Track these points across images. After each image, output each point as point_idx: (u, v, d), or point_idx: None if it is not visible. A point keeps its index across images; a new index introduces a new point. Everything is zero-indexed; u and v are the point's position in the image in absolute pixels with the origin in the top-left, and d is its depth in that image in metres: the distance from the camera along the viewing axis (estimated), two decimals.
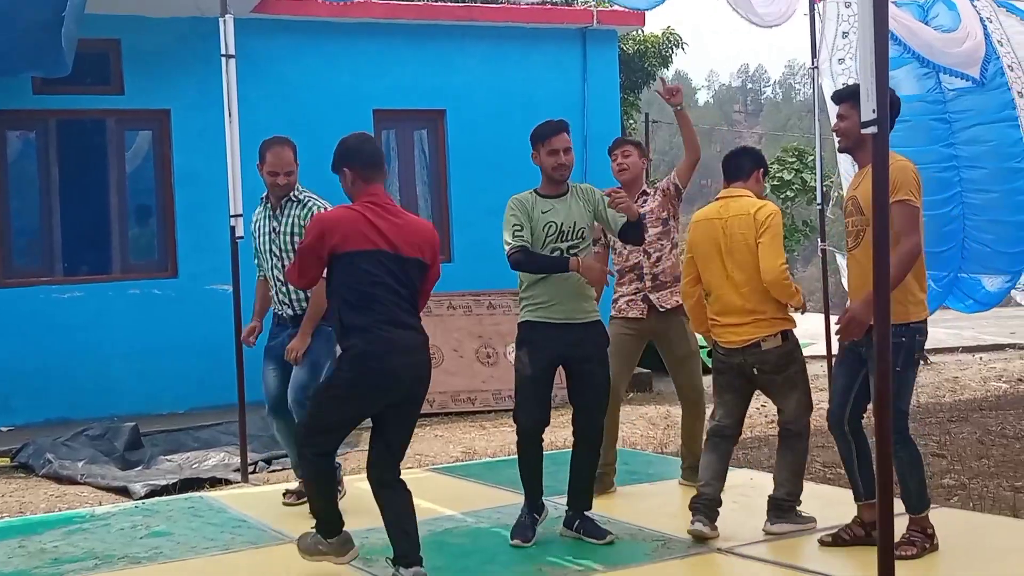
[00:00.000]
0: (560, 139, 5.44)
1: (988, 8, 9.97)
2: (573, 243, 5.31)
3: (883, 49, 3.86)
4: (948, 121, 10.07)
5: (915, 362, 4.72)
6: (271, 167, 5.98)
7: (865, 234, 4.65)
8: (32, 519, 6.51)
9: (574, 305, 5.28)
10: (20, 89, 9.97)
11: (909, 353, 4.65)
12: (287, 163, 6.01)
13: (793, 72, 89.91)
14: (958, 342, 15.00)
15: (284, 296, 5.99)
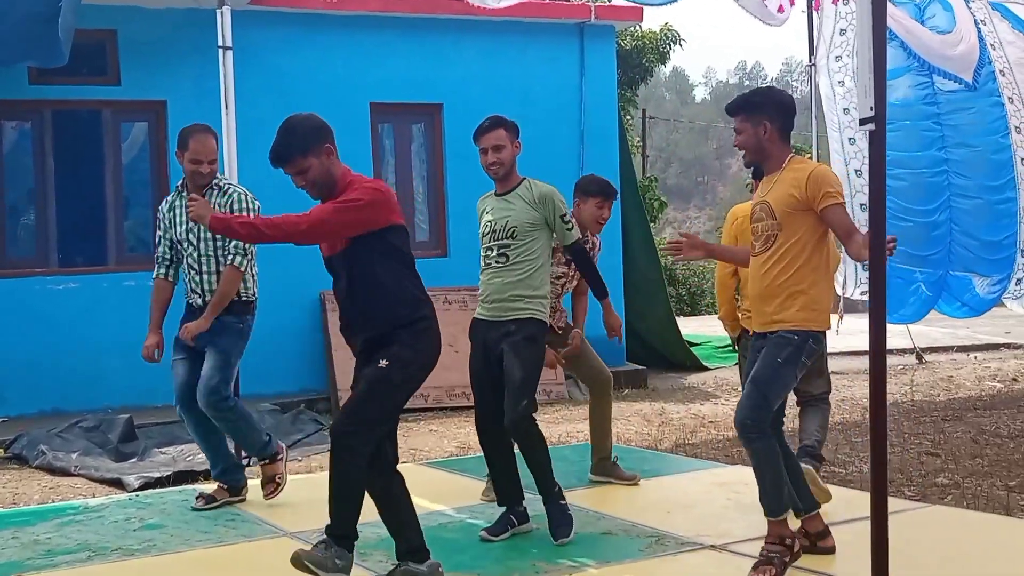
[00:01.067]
0: (487, 138, 5.44)
1: (983, 11, 9.96)
2: (503, 243, 5.34)
3: (881, 47, 3.86)
4: (940, 125, 10.09)
5: (800, 366, 4.57)
6: (194, 155, 5.86)
7: (776, 239, 4.59)
8: (25, 510, 6.50)
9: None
10: (16, 79, 9.95)
11: (796, 353, 4.54)
12: (211, 151, 5.92)
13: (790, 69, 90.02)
14: (953, 341, 15.03)
15: (197, 285, 5.93)
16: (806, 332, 4.57)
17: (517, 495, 5.47)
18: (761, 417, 4.54)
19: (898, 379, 11.37)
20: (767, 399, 4.54)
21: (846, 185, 10.13)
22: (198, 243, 5.90)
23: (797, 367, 4.58)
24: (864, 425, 8.30)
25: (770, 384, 4.56)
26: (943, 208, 10.14)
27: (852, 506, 5.54)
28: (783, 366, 4.55)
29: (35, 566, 5.08)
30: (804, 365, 4.62)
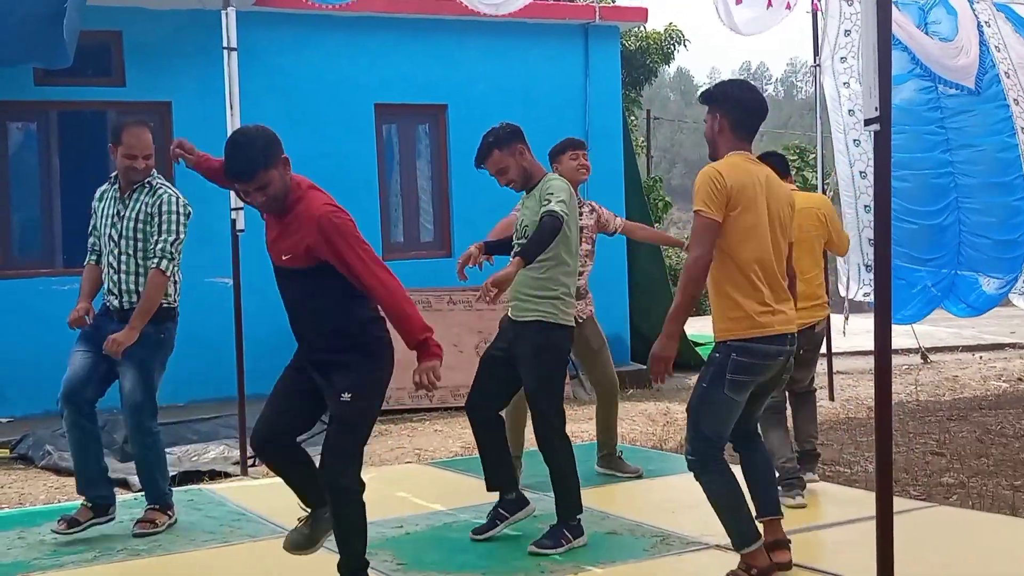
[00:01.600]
0: (487, 166, 5.44)
1: (987, 12, 9.95)
2: (520, 241, 5.34)
3: (886, 47, 3.86)
4: (944, 128, 10.09)
5: (727, 384, 4.29)
6: (128, 149, 5.52)
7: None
8: (31, 510, 6.52)
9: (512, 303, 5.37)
10: (21, 80, 9.96)
11: (720, 371, 4.30)
12: (146, 146, 5.59)
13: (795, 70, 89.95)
14: (958, 341, 15.01)
15: (115, 285, 5.59)
16: (722, 343, 4.34)
17: (508, 482, 5.39)
18: (696, 450, 4.37)
19: (903, 379, 11.36)
20: (704, 436, 4.35)
21: (850, 187, 10.13)
22: (119, 240, 5.57)
23: (721, 389, 4.30)
24: (869, 424, 8.29)
25: (699, 415, 4.38)
26: (950, 209, 10.13)
27: (857, 506, 5.54)
28: (706, 389, 4.35)
29: (41, 566, 5.09)
30: (738, 383, 4.31)
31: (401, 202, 11.80)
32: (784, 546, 4.59)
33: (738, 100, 4.51)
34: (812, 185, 21.98)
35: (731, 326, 4.34)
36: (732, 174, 4.33)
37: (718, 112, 4.50)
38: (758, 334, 4.30)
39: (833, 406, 9.85)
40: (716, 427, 4.35)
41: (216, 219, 8.60)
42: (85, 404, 5.49)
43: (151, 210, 5.55)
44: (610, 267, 11.22)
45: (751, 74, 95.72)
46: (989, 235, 10.10)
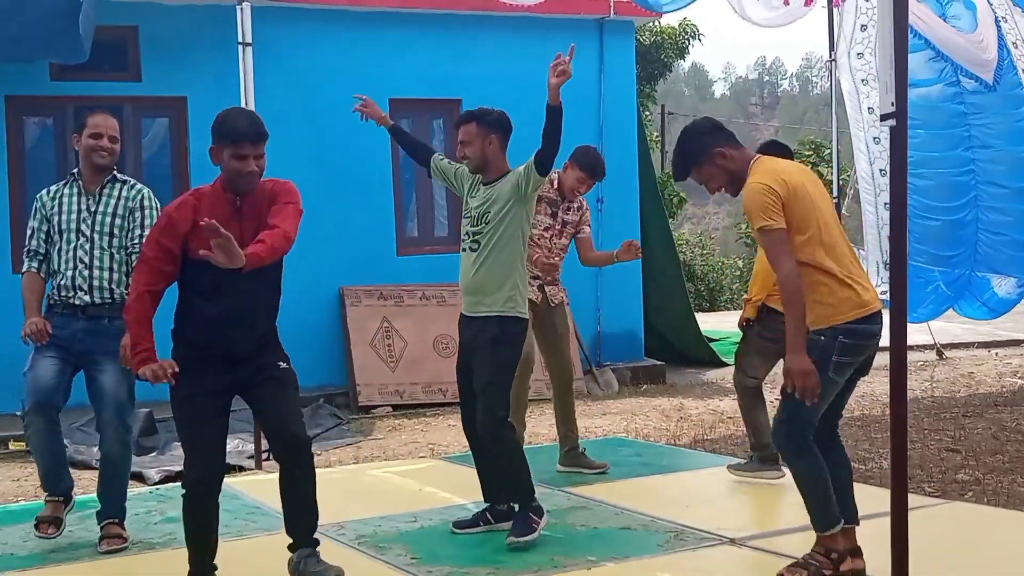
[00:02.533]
0: (459, 132, 5.48)
1: (1004, 7, 9.89)
2: (478, 228, 5.32)
3: (903, 41, 3.85)
4: (969, 124, 10.04)
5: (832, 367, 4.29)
6: (94, 128, 5.30)
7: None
8: None
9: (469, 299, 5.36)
10: (37, 75, 10.00)
11: (826, 354, 4.28)
12: (112, 127, 5.37)
13: (810, 65, 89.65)
14: (974, 337, 14.94)
15: (86, 281, 5.33)
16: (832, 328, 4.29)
17: (499, 494, 5.41)
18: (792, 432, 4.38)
19: (918, 375, 11.32)
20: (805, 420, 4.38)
21: (871, 184, 10.11)
22: (91, 234, 5.35)
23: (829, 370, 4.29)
24: (884, 421, 8.27)
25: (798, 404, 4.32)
26: (970, 206, 10.10)
27: (872, 502, 5.50)
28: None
29: (57, 559, 5.12)
30: (843, 365, 4.32)
31: (415, 197, 11.81)
32: (859, 554, 4.54)
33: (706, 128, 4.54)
34: (827, 181, 21.93)
35: (831, 312, 4.28)
36: (775, 179, 4.30)
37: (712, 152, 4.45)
38: (861, 314, 4.28)
39: (848, 402, 9.81)
40: (815, 410, 4.35)
41: None
42: (55, 411, 5.33)
43: (132, 204, 5.39)
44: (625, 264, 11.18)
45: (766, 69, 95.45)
46: (1006, 233, 10.07)
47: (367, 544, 5.20)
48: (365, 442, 8.57)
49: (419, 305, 10.72)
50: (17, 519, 5.93)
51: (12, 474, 7.69)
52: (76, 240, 5.36)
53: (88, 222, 5.36)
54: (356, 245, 10.91)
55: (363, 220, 11.02)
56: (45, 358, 5.30)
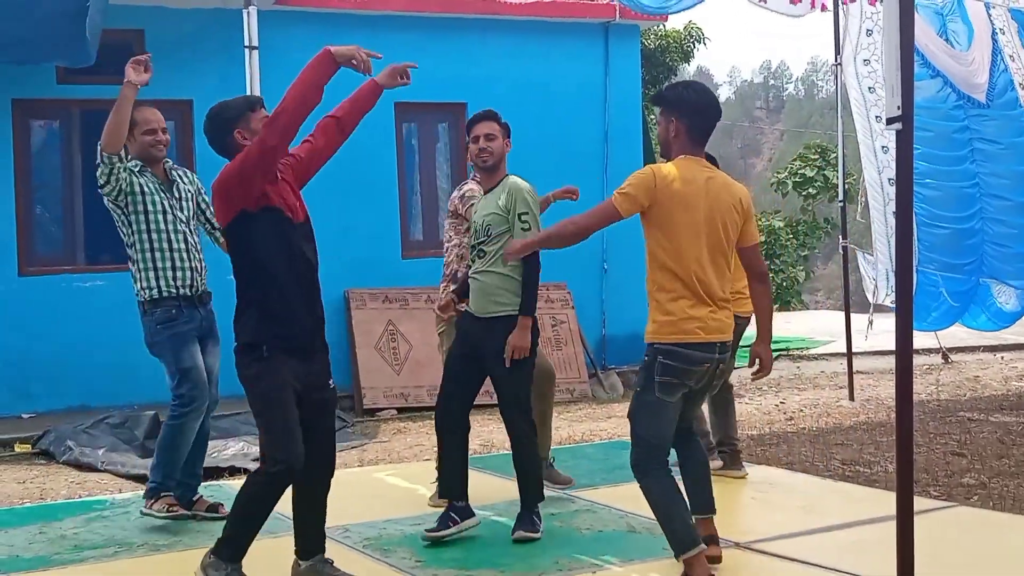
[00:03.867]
0: (480, 127, 5.50)
1: (1002, 19, 9.87)
2: (481, 240, 5.37)
3: (908, 45, 3.84)
4: (969, 128, 10.04)
5: (656, 387, 4.34)
6: (147, 124, 5.51)
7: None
8: (53, 505, 6.56)
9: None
10: (44, 78, 10.02)
11: (648, 374, 4.36)
12: (161, 119, 5.65)
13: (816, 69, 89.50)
14: (979, 341, 14.91)
15: (197, 270, 5.58)
16: (653, 347, 4.35)
17: (464, 489, 5.41)
18: (637, 453, 4.43)
19: (924, 379, 11.31)
20: (639, 436, 4.44)
21: (880, 194, 10.09)
22: (189, 222, 5.63)
23: (654, 390, 4.33)
24: (889, 425, 8.27)
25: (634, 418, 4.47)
26: (976, 217, 10.10)
27: (878, 505, 5.52)
28: (640, 393, 4.44)
29: (62, 560, 5.13)
30: (667, 385, 4.33)
31: (421, 200, 11.82)
32: (715, 541, 4.67)
33: (694, 106, 4.50)
34: (833, 184, 21.90)
35: (658, 329, 4.37)
36: (669, 175, 4.36)
37: (673, 117, 4.50)
38: (682, 340, 4.31)
39: (853, 406, 9.81)
40: (653, 429, 4.39)
41: None
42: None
43: (194, 188, 5.70)
44: (629, 267, 11.19)
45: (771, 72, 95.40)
46: (1010, 245, 10.08)
47: (372, 547, 5.21)
48: (370, 445, 8.57)
49: (424, 308, 10.72)
50: (23, 521, 5.94)
51: (17, 476, 7.70)
52: (176, 227, 5.50)
53: (178, 208, 5.53)
54: (361, 248, 10.92)
55: (368, 223, 11.03)
56: (196, 352, 5.50)
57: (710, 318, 4.35)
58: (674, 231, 4.33)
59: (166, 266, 5.47)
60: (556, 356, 10.95)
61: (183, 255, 5.51)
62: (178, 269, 5.49)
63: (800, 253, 24.05)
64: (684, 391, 4.39)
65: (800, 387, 11.46)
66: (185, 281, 5.51)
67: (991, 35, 9.79)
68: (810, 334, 15.60)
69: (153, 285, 5.46)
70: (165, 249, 5.48)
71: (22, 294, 10.06)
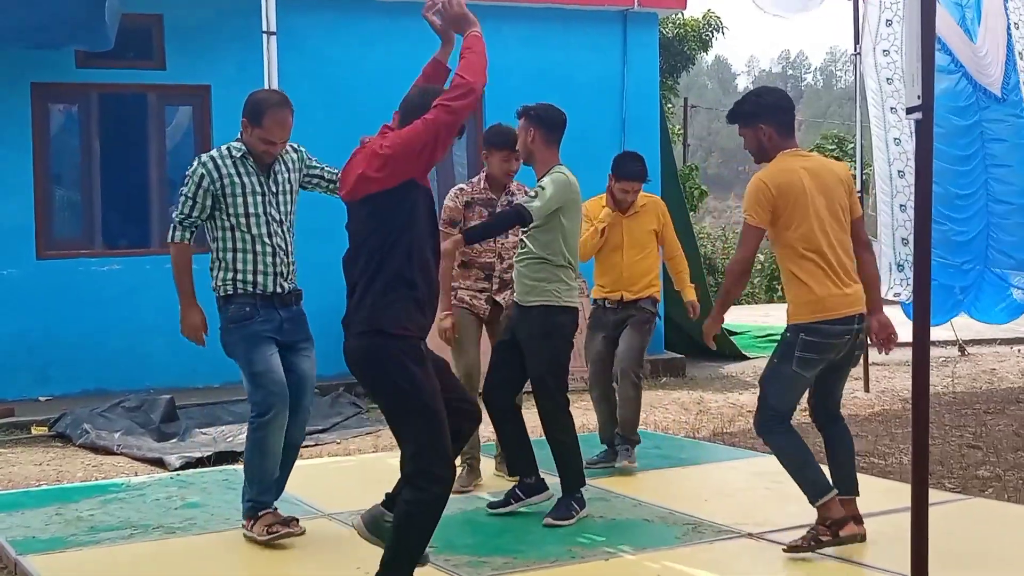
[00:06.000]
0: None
1: (1018, 12, 9.79)
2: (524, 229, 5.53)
3: (930, 34, 3.81)
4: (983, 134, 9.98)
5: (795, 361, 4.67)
6: (269, 134, 4.98)
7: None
8: (69, 487, 6.60)
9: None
10: (63, 63, 10.05)
11: (788, 350, 4.69)
12: (288, 131, 5.09)
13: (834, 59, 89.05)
14: (996, 333, 14.84)
15: (286, 268, 5.09)
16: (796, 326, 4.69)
17: (528, 467, 5.53)
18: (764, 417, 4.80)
19: (940, 371, 11.27)
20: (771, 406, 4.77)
21: (887, 185, 10.04)
22: (282, 217, 5.12)
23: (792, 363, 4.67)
24: (904, 416, 8.24)
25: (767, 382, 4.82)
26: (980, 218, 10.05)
27: (892, 497, 5.51)
28: (777, 365, 4.76)
29: (78, 542, 5.16)
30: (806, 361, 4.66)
31: (438, 187, 11.81)
32: (860, 521, 4.79)
33: (774, 106, 4.85)
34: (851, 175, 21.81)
35: (800, 310, 4.67)
36: (776, 180, 4.68)
37: (760, 124, 4.81)
38: (824, 317, 4.61)
39: (868, 397, 9.79)
40: (781, 398, 4.74)
41: None
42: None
43: (297, 166, 5.22)
44: None
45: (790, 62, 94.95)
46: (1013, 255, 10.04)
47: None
48: (384, 431, 8.58)
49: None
50: (39, 502, 5.98)
51: (34, 459, 7.75)
52: (267, 223, 5.04)
53: (275, 203, 5.07)
54: None
55: None
56: (274, 355, 4.98)
57: (845, 294, 4.66)
58: (799, 222, 4.65)
59: (247, 268, 5.02)
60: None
61: (268, 259, 5.03)
62: (259, 274, 5.02)
63: None
64: (823, 365, 4.68)
65: None
66: (267, 286, 5.03)
67: (1006, 28, 9.72)
68: None
69: (228, 280, 5.03)
70: (248, 251, 5.01)
71: (40, 278, 10.10)
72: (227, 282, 5.02)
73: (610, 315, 6.49)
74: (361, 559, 4.58)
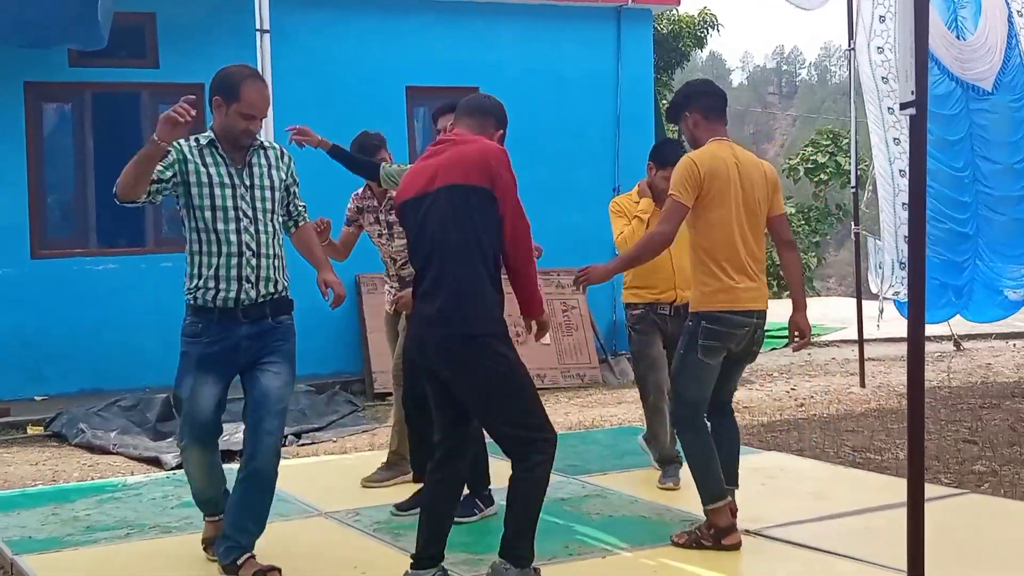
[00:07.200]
0: (446, 119, 5.64)
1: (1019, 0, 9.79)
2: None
3: (923, 30, 3.81)
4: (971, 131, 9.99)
5: (700, 349, 4.75)
6: (249, 108, 4.47)
7: None
8: (65, 487, 6.60)
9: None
10: (56, 61, 10.03)
11: (692, 338, 4.77)
12: (267, 105, 4.64)
13: (829, 54, 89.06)
14: (991, 328, 14.87)
15: (253, 271, 4.42)
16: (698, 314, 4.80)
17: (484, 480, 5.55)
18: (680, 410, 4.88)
19: (935, 366, 11.28)
20: (682, 397, 4.87)
21: (891, 185, 10.04)
22: (256, 215, 4.48)
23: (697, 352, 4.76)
24: (900, 412, 8.25)
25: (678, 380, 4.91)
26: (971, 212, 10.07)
27: (888, 492, 5.52)
28: (684, 355, 4.83)
29: (74, 542, 5.16)
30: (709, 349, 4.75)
31: None
32: (733, 514, 4.92)
33: (696, 90, 5.00)
34: (845, 170, 21.82)
35: (702, 298, 4.78)
36: (705, 162, 4.77)
37: (686, 112, 4.94)
38: (726, 307, 4.74)
39: (864, 393, 9.80)
40: (693, 389, 4.81)
41: None
42: (216, 439, 4.66)
43: (285, 175, 4.62)
44: None
45: (784, 58, 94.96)
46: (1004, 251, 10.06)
47: (383, 531, 5.22)
48: (381, 429, 8.58)
49: None
50: (35, 502, 5.98)
51: (30, 458, 7.75)
52: (236, 223, 4.43)
53: (247, 199, 4.47)
54: None
55: None
56: (205, 384, 4.44)
57: (749, 287, 4.77)
58: (715, 209, 4.74)
59: (207, 274, 4.40)
60: (567, 342, 10.95)
61: (232, 260, 4.40)
62: (221, 279, 4.39)
63: (812, 239, 24.00)
64: (724, 354, 4.78)
65: (811, 373, 11.44)
66: (228, 295, 4.40)
67: (1007, 17, 9.72)
68: (821, 321, 15.55)
69: (191, 288, 4.46)
70: (211, 252, 4.41)
71: (34, 277, 10.09)
72: (189, 291, 4.46)
73: (668, 324, 5.93)
74: (358, 559, 4.58)
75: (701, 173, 4.72)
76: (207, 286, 4.40)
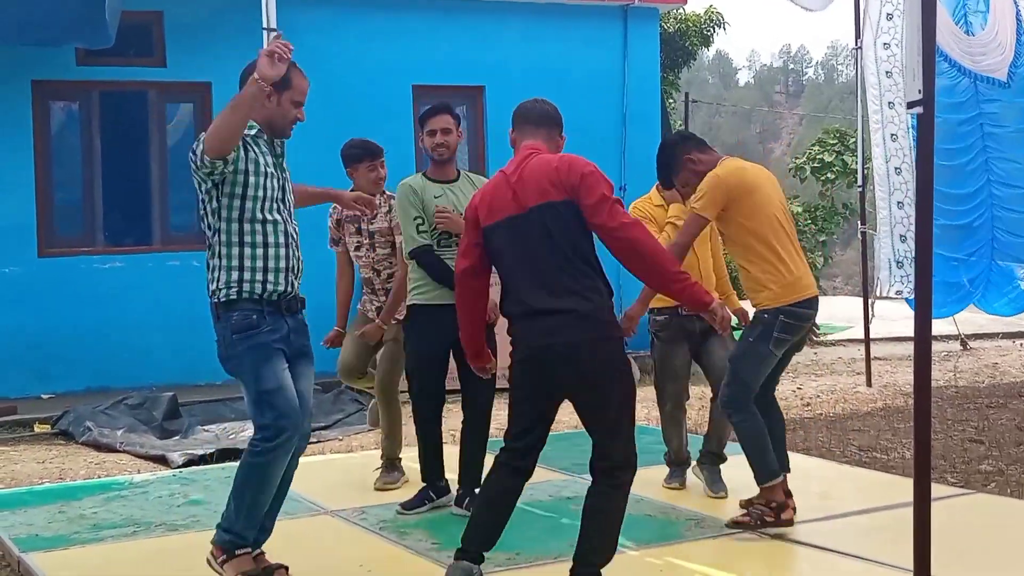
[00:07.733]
0: (436, 120, 5.70)
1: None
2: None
3: (930, 27, 3.81)
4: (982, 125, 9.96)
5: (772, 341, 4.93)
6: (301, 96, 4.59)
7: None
8: (72, 485, 6.61)
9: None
10: (64, 60, 10.06)
11: (767, 330, 4.93)
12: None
13: (836, 53, 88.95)
14: (998, 327, 14.85)
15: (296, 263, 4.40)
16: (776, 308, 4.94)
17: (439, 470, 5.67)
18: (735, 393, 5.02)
19: (942, 365, 11.27)
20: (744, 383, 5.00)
21: (885, 182, 10.02)
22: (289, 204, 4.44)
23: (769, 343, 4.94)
24: (906, 411, 8.24)
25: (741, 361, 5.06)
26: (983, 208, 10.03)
27: (894, 491, 5.51)
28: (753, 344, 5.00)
29: (81, 540, 5.17)
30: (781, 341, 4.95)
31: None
32: (790, 496, 5.04)
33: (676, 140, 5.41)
34: (852, 169, 21.78)
35: (774, 295, 4.92)
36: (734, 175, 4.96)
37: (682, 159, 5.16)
38: (799, 298, 4.93)
39: (870, 392, 9.78)
40: (755, 376, 4.97)
41: None
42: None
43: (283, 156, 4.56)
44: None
45: (791, 57, 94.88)
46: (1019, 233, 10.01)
47: (389, 529, 5.22)
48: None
49: None
50: (42, 500, 5.99)
51: (37, 456, 7.76)
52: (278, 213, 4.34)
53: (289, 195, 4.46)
54: None
55: None
56: (286, 370, 4.30)
57: (805, 273, 5.03)
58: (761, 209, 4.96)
59: (256, 266, 4.24)
60: None
61: (282, 251, 4.30)
62: (270, 271, 4.26)
63: (818, 239, 23.97)
64: (788, 346, 5.00)
65: (817, 373, 11.43)
66: (277, 286, 4.28)
67: (1015, 15, 9.70)
68: (828, 320, 15.55)
69: (233, 282, 4.24)
70: (260, 244, 4.25)
71: (41, 275, 10.11)
72: (231, 284, 4.23)
73: (695, 323, 5.78)
74: (364, 557, 4.58)
75: (729, 185, 4.92)
76: (255, 278, 4.23)
